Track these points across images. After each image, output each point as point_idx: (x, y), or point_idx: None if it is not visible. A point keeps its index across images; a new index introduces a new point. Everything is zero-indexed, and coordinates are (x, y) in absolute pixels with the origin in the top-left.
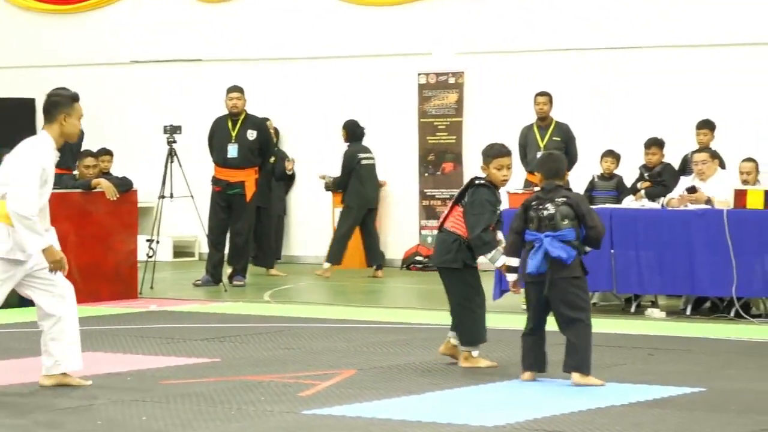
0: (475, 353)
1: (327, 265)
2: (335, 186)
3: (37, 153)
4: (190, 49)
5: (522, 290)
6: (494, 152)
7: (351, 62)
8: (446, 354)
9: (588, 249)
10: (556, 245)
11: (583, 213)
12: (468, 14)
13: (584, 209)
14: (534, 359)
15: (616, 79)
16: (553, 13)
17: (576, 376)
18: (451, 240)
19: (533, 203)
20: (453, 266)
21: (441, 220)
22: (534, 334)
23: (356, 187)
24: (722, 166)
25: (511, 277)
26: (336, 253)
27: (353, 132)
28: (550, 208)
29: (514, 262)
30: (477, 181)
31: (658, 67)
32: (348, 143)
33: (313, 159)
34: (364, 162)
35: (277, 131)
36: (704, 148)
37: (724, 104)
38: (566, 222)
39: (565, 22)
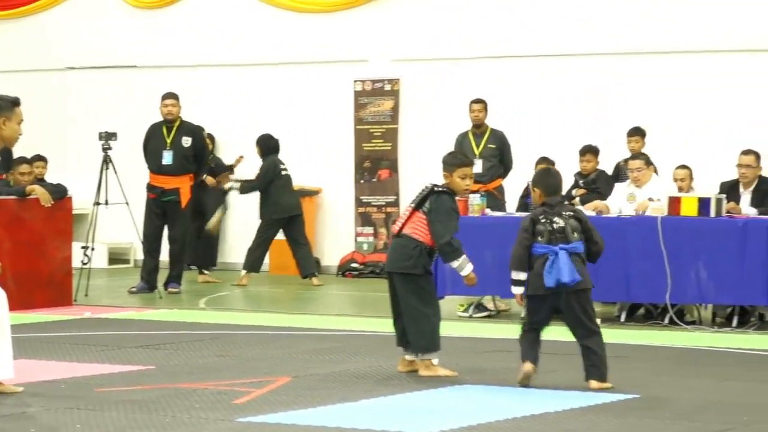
0: (435, 361)
1: (243, 272)
2: (244, 190)
3: None
4: (126, 56)
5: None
6: (459, 161)
7: (287, 69)
8: (407, 371)
9: None
10: (570, 269)
11: (590, 228)
12: (404, 22)
13: (591, 225)
14: (535, 353)
15: (550, 86)
16: (488, 20)
17: (596, 383)
18: (412, 246)
19: (540, 217)
20: (413, 272)
21: (399, 225)
22: (536, 332)
23: (273, 198)
24: (655, 172)
25: (518, 290)
26: (253, 261)
27: (267, 145)
28: (560, 221)
29: (522, 276)
30: (437, 188)
31: (593, 75)
32: (264, 158)
33: (248, 166)
34: (283, 173)
35: (212, 138)
36: (639, 154)
37: (657, 111)
38: (576, 235)
39: (500, 29)
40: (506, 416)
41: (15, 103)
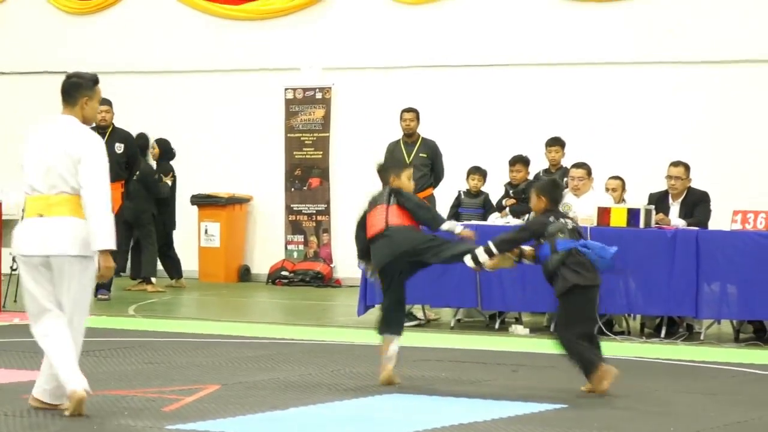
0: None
1: (154, 280)
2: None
3: None
4: (56, 62)
5: None
6: (404, 164)
7: (218, 76)
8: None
9: None
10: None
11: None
12: (335, 30)
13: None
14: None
15: (481, 95)
16: (420, 29)
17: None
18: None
19: (551, 219)
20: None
21: (382, 223)
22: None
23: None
24: None
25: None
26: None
27: (167, 150)
28: (570, 224)
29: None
30: (393, 189)
31: (523, 85)
32: (159, 161)
33: (179, 172)
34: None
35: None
36: (582, 163)
37: (587, 122)
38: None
39: (432, 38)
40: (435, 425)
41: (95, 81)
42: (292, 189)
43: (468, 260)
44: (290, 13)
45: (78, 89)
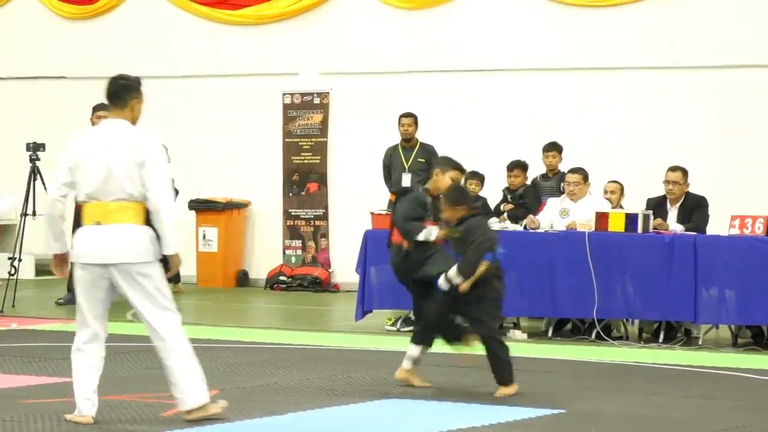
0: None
1: None
2: None
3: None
4: (54, 66)
5: None
6: (455, 164)
7: (216, 81)
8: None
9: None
10: None
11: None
12: (333, 35)
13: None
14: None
15: (479, 100)
16: (418, 34)
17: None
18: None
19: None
20: None
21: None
22: None
23: None
24: None
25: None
26: None
27: None
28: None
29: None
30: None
31: (522, 90)
32: None
33: (177, 177)
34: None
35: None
36: (578, 168)
37: (586, 127)
38: None
39: (430, 44)
40: (433, 430)
41: (140, 83)
42: (290, 194)
43: (442, 283)
44: (288, 18)
45: (128, 90)
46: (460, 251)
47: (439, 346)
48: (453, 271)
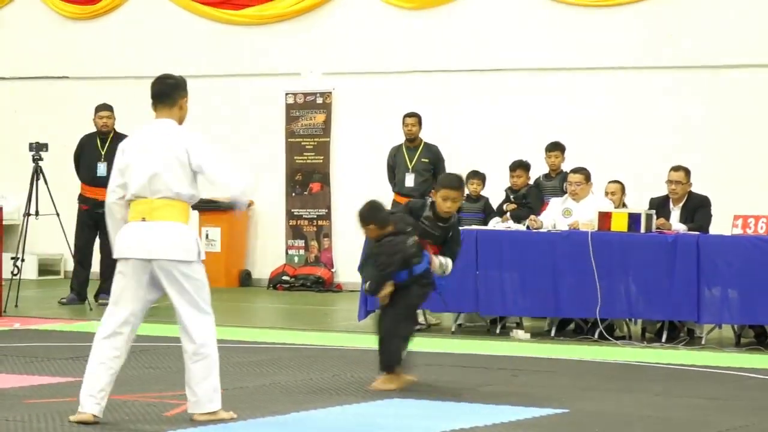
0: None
1: None
2: None
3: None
4: (57, 66)
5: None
6: (444, 183)
7: (219, 81)
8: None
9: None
10: None
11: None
12: (336, 35)
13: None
14: None
15: (482, 100)
16: (421, 34)
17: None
18: None
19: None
20: None
21: None
22: None
23: None
24: None
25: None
26: None
27: None
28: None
29: None
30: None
31: (524, 90)
32: None
33: None
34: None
35: None
36: (580, 168)
37: (589, 126)
38: None
39: (432, 43)
40: (436, 430)
41: (186, 81)
42: (293, 194)
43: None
44: (290, 18)
45: (177, 89)
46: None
47: (444, 345)
48: (366, 285)
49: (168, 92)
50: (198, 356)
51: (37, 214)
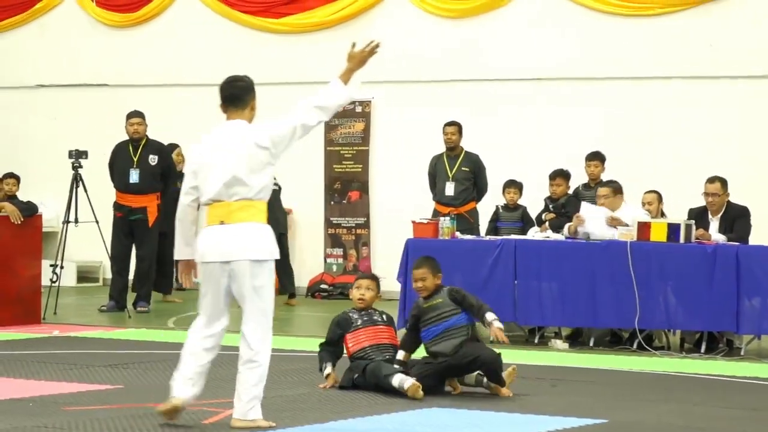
0: None
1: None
2: None
3: None
4: (97, 74)
5: None
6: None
7: (258, 89)
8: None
9: None
10: None
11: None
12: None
13: None
14: None
15: (522, 109)
16: (460, 43)
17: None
18: None
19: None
20: None
21: None
22: None
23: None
24: None
25: None
26: None
27: None
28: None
29: None
30: None
31: (564, 99)
32: None
33: None
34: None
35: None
36: (608, 181)
37: (629, 136)
38: None
39: (471, 52)
40: None
41: (253, 82)
42: (332, 202)
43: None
44: (330, 26)
45: (247, 91)
46: None
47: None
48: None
49: (239, 95)
50: (252, 364)
51: (76, 221)
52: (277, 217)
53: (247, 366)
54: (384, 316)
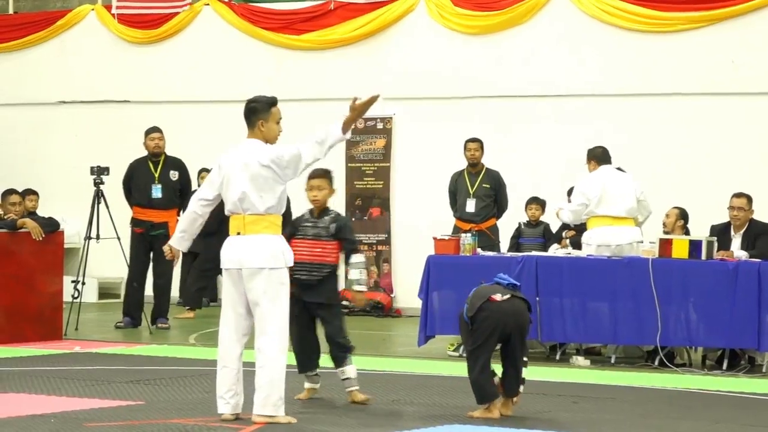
0: None
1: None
2: None
3: None
4: (118, 91)
5: None
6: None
7: (280, 106)
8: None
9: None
10: None
11: None
12: (396, 60)
13: None
14: None
15: (542, 126)
16: (481, 59)
17: None
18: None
19: None
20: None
21: None
22: None
23: None
24: None
25: None
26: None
27: None
28: None
29: None
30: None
31: (586, 116)
32: None
33: None
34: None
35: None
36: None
37: (651, 153)
38: None
39: (493, 69)
40: None
41: (271, 103)
42: (353, 218)
43: None
44: (351, 43)
45: (254, 113)
46: None
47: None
48: None
49: (247, 115)
50: (260, 365)
51: (98, 237)
52: None
53: (261, 364)
54: (332, 227)
